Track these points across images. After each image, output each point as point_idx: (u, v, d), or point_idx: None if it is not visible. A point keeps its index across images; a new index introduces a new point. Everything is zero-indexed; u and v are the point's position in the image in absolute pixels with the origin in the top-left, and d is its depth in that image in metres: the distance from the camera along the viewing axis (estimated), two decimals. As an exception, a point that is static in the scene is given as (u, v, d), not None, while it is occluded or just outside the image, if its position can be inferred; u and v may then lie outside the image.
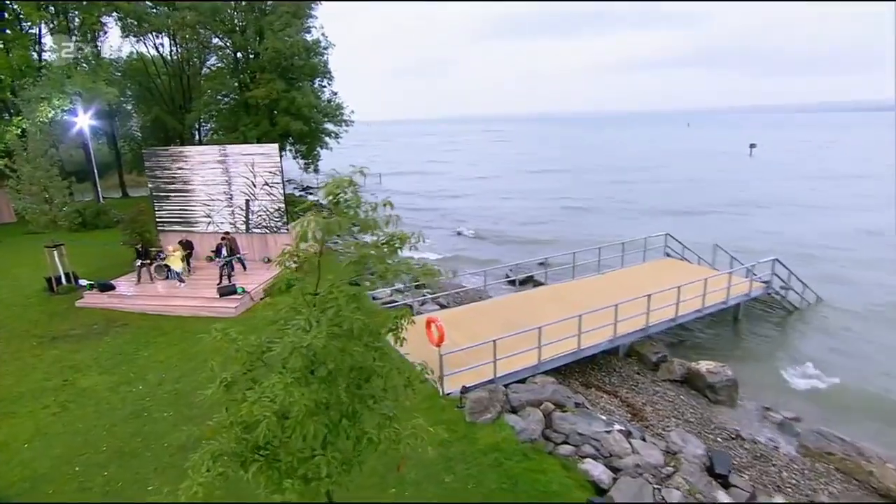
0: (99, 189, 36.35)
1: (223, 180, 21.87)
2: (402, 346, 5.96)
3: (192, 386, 12.33)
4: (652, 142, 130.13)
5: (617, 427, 11.18)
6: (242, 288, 18.11)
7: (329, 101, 41.24)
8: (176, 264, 19.09)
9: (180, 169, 22.18)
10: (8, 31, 32.41)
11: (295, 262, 5.81)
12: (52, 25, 34.32)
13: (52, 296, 19.15)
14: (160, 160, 22.39)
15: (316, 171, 42.47)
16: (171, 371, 13.45)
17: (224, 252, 19.44)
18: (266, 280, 19.14)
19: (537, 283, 21.35)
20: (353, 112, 41.50)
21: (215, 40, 39.71)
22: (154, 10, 38.93)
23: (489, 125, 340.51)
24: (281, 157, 22.75)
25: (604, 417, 11.70)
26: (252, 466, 5.34)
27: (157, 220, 22.88)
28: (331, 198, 5.51)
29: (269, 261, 21.69)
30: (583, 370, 14.88)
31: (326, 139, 41.46)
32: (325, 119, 40.25)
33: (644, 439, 11.20)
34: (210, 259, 21.46)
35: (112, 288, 18.76)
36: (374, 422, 5.82)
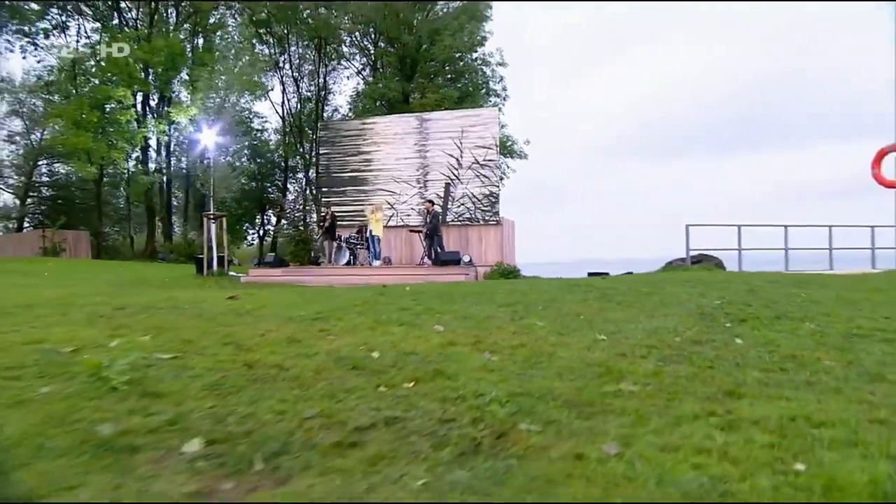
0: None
1: (416, 160, 18.80)
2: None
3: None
4: None
5: None
6: (469, 256, 15.55)
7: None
8: (378, 229, 15.87)
9: (360, 150, 19.38)
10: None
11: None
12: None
13: (201, 278, 14.29)
14: (337, 134, 19.97)
15: None
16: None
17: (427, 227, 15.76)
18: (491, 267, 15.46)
19: None
20: (527, 143, 31.37)
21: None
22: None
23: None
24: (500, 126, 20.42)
25: None
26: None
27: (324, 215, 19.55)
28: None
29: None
30: None
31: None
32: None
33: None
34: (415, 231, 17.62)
35: (287, 264, 16.59)
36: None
